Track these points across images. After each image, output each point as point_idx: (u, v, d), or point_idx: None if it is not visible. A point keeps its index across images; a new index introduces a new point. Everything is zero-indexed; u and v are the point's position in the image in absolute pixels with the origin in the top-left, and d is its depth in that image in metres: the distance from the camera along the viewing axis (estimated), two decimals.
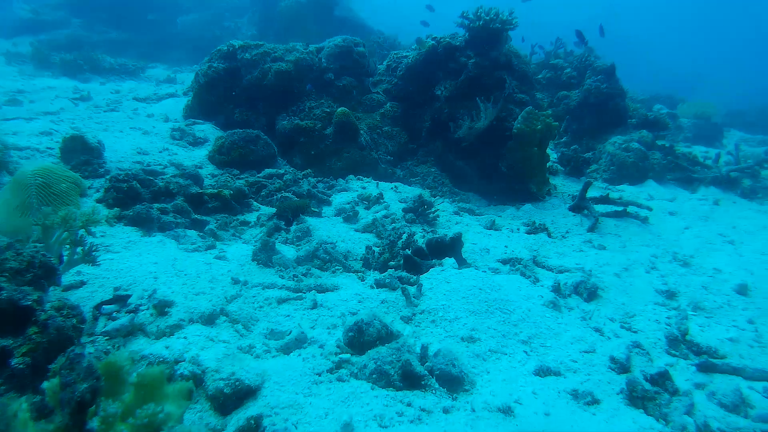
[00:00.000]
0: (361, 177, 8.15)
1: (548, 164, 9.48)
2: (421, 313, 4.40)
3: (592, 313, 4.96)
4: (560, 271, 5.93)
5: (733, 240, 7.75)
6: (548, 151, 10.74)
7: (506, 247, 6.49)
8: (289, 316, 4.19)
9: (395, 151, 9.16)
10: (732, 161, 12.80)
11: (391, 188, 7.88)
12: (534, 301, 4.83)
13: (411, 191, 8.08)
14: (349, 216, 6.66)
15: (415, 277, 4.89)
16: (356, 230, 6.44)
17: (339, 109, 8.49)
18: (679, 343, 4.55)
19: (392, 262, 5.14)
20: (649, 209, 7.56)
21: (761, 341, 4.86)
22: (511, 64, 8.83)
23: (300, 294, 4.48)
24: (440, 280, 4.86)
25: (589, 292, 5.27)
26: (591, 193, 8.36)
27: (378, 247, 5.58)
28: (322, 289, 4.59)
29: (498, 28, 8.56)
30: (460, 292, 4.65)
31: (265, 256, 4.96)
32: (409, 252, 5.08)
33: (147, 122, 9.63)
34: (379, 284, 4.73)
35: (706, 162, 11.93)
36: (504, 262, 5.92)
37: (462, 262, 5.30)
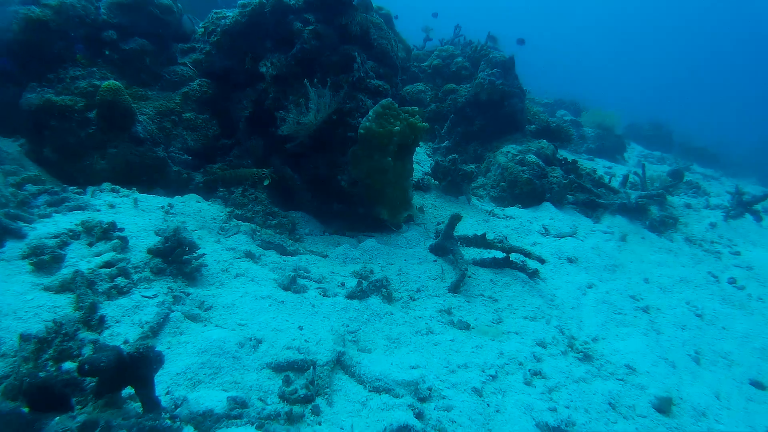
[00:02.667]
0: (117, 188, 5.19)
1: (413, 179, 6.91)
2: None
3: None
4: (379, 390, 3.31)
5: (647, 306, 5.47)
6: (422, 158, 8.19)
7: (300, 330, 3.82)
8: None
9: (198, 148, 6.26)
10: (638, 182, 10.85)
11: (161, 207, 4.98)
12: None
13: (199, 212, 5.23)
14: (43, 261, 3.74)
15: None
16: (46, 289, 3.55)
17: (105, 83, 5.47)
18: None
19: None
20: (541, 261, 5.10)
21: None
22: (369, 38, 6.13)
23: None
24: None
25: None
26: (475, 226, 5.86)
27: None
28: None
29: None
30: None
31: None
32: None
33: None
34: None
35: (612, 183, 9.84)
36: (281, 372, 3.23)
37: (151, 405, 2.52)
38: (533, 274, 5.14)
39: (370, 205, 5.71)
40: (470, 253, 5.45)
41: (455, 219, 5.05)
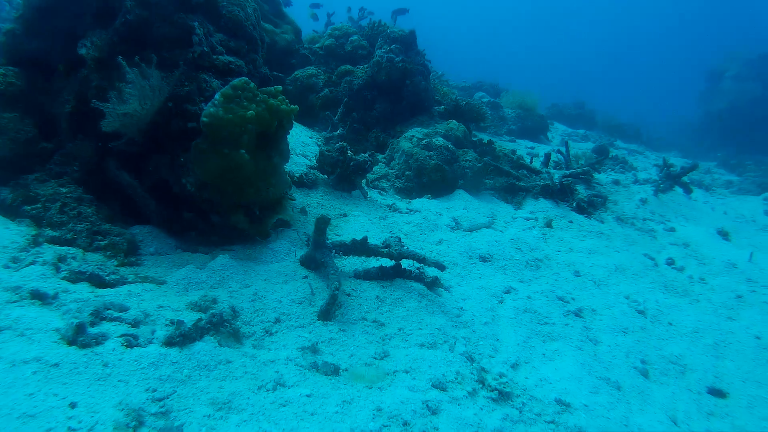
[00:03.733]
0: None
1: (295, 174, 5.63)
2: None
3: None
4: None
5: (580, 309, 4.37)
6: (314, 150, 6.88)
7: (72, 408, 2.47)
8: None
9: (6, 156, 4.75)
10: (562, 161, 9.93)
11: None
12: None
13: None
14: None
15: None
16: None
17: None
18: None
19: None
20: (441, 268, 3.86)
21: None
22: (216, 5, 4.77)
23: None
24: None
25: None
26: (367, 226, 4.62)
27: None
28: None
29: None
30: None
31: None
32: None
33: None
34: None
35: (534, 164, 8.83)
36: None
37: None
38: (433, 284, 3.92)
39: (226, 213, 4.36)
40: (353, 263, 4.19)
41: (322, 222, 3.77)
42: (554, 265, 5.20)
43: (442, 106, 8.59)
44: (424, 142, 7.24)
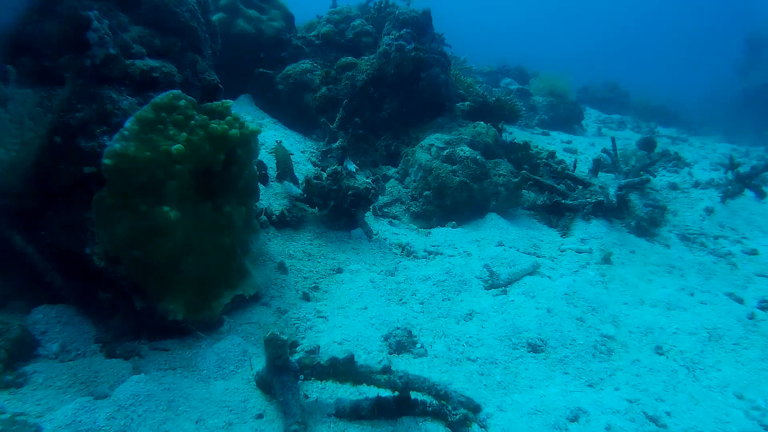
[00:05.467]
0: None
1: (274, 210, 4.16)
2: None
3: None
4: None
5: (668, 411, 2.85)
6: (307, 169, 5.33)
7: None
8: None
9: None
10: (608, 161, 8.29)
11: None
12: None
13: None
14: None
15: None
16: None
17: None
18: None
19: None
20: (474, 409, 2.34)
21: None
22: None
23: None
24: None
25: None
26: (369, 292, 3.17)
27: None
28: None
29: None
30: None
31: None
32: None
33: None
34: None
35: (574, 164, 7.24)
36: None
37: None
38: (462, 424, 2.42)
39: (151, 296, 2.90)
40: (340, 390, 2.69)
41: (275, 347, 2.28)
42: (629, 341, 3.66)
43: (467, 103, 7.00)
44: (445, 152, 5.69)
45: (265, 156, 5.10)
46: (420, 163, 5.73)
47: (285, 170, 5.07)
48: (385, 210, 5.30)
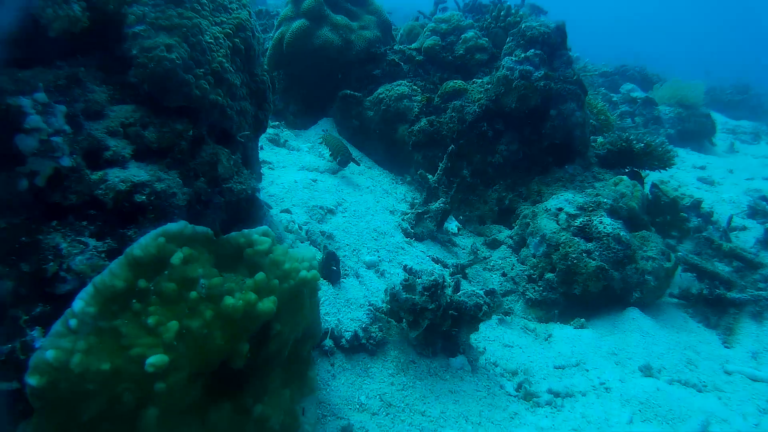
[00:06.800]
0: None
1: (341, 332, 2.94)
2: None
3: None
4: None
5: None
6: (389, 233, 4.04)
7: None
8: None
9: None
10: (760, 207, 6.56)
11: None
12: None
13: None
14: None
15: None
16: None
17: None
18: None
19: None
20: None
21: None
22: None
23: None
24: None
25: None
26: None
27: None
28: None
29: None
30: None
31: None
32: None
33: None
34: None
35: (736, 240, 5.58)
36: None
37: None
38: None
39: None
40: None
41: None
42: None
43: (599, 139, 5.50)
44: (578, 222, 4.29)
45: (335, 229, 3.88)
46: (543, 234, 4.35)
47: (344, 156, 4.60)
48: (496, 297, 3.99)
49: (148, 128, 1.86)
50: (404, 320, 3.11)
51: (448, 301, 3.02)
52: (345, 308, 3.16)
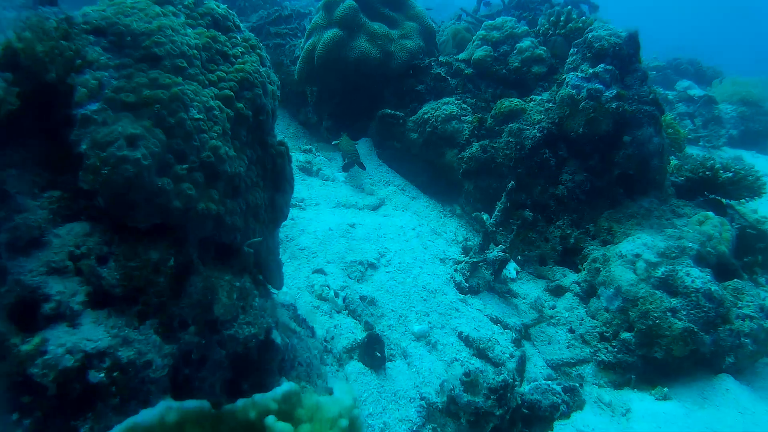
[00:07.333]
0: None
1: None
2: None
3: None
4: None
5: None
6: (437, 283, 3.43)
7: None
8: None
9: None
10: None
11: None
12: None
13: None
14: None
15: None
16: None
17: None
18: None
19: None
20: None
21: None
22: None
23: None
24: None
25: None
26: None
27: None
28: None
29: None
30: None
31: None
32: None
33: None
34: None
35: None
36: None
37: None
38: None
39: None
40: None
41: None
42: None
43: (673, 161, 4.82)
44: (660, 272, 3.65)
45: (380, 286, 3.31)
46: (618, 286, 3.72)
47: (351, 160, 4.57)
48: (565, 369, 3.42)
49: (107, 263, 1.30)
50: (463, 419, 2.55)
51: (519, 402, 2.45)
52: (392, 405, 2.61)
